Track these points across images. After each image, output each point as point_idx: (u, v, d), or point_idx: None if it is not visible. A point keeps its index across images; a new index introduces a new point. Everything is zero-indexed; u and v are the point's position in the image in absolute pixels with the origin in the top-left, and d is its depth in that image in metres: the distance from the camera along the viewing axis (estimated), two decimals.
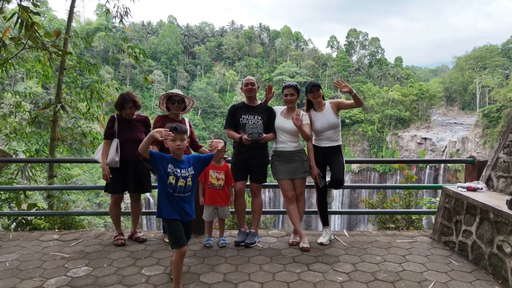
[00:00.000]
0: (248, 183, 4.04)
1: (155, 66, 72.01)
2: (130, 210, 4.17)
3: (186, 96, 3.92)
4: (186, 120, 3.99)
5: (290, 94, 3.84)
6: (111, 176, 3.77)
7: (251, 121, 3.85)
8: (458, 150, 52.66)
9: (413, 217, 5.11)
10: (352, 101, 3.77)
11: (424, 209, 5.19)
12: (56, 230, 4.54)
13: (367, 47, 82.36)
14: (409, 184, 5.15)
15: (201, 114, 65.50)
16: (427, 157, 54.92)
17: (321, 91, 3.93)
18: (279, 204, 50.66)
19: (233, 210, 4.16)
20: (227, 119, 4.03)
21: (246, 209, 4.13)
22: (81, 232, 4.35)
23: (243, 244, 3.77)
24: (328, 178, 4.00)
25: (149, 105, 64.26)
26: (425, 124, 63.69)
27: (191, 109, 4.15)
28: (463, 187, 3.66)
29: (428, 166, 53.82)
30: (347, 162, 4.16)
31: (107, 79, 58.57)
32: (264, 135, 3.76)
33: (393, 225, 5.24)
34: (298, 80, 62.14)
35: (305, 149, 3.94)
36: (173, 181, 2.67)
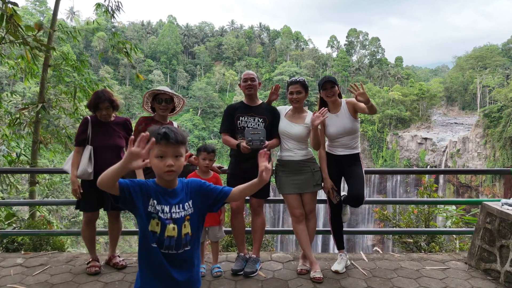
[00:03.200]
0: (247, 197, 3.37)
1: (154, 66, 71.43)
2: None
3: (175, 94, 3.27)
4: (175, 124, 3.34)
5: (296, 92, 3.21)
6: (81, 191, 3.13)
7: (251, 124, 3.24)
8: (458, 150, 52.15)
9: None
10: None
11: (450, 225, 4.51)
12: (22, 252, 3.89)
13: (367, 47, 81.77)
14: (444, 199, 4.48)
15: (200, 114, 64.92)
16: (427, 157, 54.36)
17: (336, 88, 3.25)
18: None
19: (230, 229, 3.49)
20: (223, 121, 3.39)
21: (246, 229, 3.47)
22: (50, 255, 3.70)
23: (242, 273, 3.13)
24: (343, 192, 3.36)
25: None
26: (425, 124, 63.16)
27: (181, 110, 3.49)
28: (509, 204, 3.03)
29: (428, 166, 53.29)
30: (367, 172, 3.50)
31: (107, 79, 58.02)
32: (267, 142, 3.11)
33: (411, 240, 4.60)
34: None
35: (316, 157, 3.31)
36: (157, 229, 1.58)
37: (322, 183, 3.26)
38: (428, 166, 53.23)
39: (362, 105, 3.14)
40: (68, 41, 7.35)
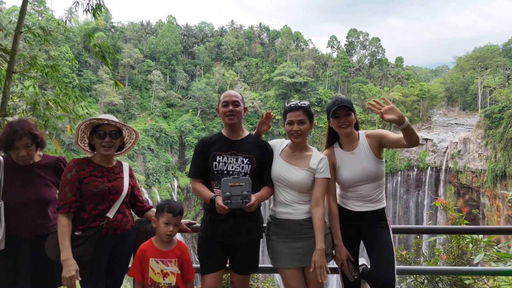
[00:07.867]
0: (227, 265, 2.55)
1: (154, 66, 71.30)
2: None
3: (124, 125, 2.39)
4: (125, 166, 2.49)
5: (298, 122, 2.31)
6: None
7: (232, 167, 2.34)
8: (459, 151, 52.04)
9: (465, 280, 3.05)
10: (401, 135, 2.18)
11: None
12: None
13: (367, 47, 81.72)
14: None
15: (200, 114, 64.84)
16: (427, 158, 54.29)
17: (353, 116, 2.36)
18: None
19: None
20: (193, 162, 2.48)
21: None
22: None
23: None
24: (362, 260, 2.57)
25: (148, 105, 63.54)
26: (426, 124, 63.13)
27: (132, 147, 2.60)
28: None
29: (429, 167, 53.23)
30: (395, 231, 2.55)
31: (106, 80, 57.87)
32: (253, 198, 2.22)
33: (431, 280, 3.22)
34: (298, 81, 61.55)
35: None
36: None
37: (333, 252, 2.40)
38: (429, 167, 53.17)
39: (393, 136, 2.29)
40: (66, 41, 6.65)
